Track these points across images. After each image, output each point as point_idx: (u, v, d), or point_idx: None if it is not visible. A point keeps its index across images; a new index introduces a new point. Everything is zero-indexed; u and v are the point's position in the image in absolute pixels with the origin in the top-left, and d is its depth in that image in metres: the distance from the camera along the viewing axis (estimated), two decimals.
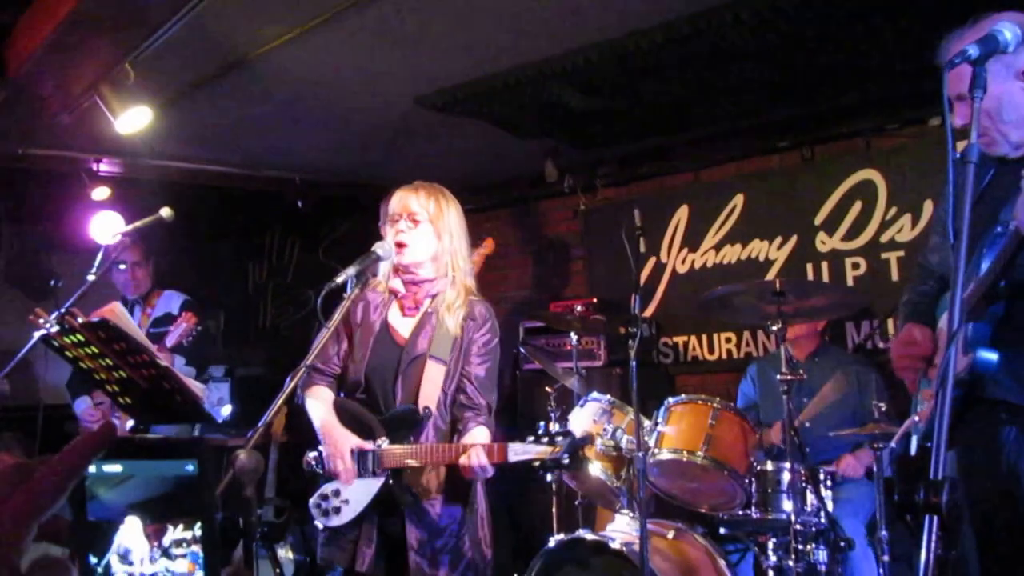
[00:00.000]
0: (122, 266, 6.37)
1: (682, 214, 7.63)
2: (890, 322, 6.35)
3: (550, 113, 6.49)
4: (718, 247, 7.41)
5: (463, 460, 3.54)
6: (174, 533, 1.45)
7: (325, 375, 3.95)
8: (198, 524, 1.45)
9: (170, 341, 5.92)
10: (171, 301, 6.54)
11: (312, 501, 3.80)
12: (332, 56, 5.40)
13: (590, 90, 6.07)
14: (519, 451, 3.46)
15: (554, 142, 7.42)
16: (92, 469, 1.38)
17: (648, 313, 7.63)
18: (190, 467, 1.41)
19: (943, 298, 3.42)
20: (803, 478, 4.84)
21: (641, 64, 5.58)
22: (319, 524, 3.80)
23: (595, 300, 7.55)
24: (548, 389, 6.35)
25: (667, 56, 5.46)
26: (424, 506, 3.75)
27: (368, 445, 3.71)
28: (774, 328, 4.90)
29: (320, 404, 3.86)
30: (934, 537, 1.78)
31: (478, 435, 3.68)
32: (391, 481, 3.67)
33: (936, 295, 3.44)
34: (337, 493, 3.75)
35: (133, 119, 5.27)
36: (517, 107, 6.33)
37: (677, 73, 5.80)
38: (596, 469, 5.03)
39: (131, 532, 1.43)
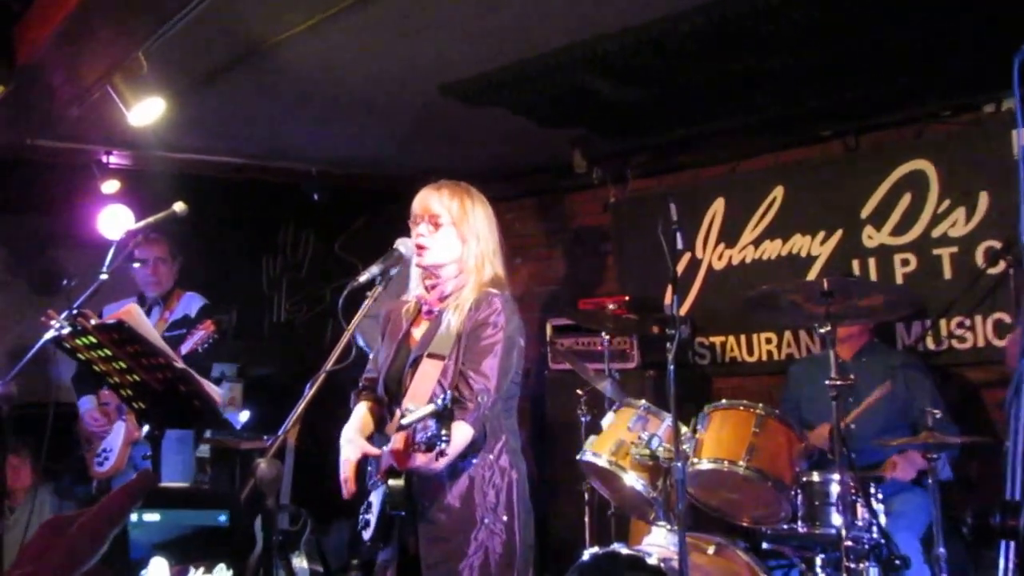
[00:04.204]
0: (135, 265, 6.38)
1: (718, 207, 7.59)
2: (943, 323, 6.30)
3: (580, 101, 6.47)
4: (757, 242, 7.36)
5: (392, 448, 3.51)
6: (196, 574, 1.47)
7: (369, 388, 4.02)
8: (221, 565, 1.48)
9: (185, 348, 5.93)
10: (191, 304, 6.55)
11: None
12: (352, 44, 5.39)
13: (622, 77, 6.04)
14: (408, 417, 3.26)
15: (583, 131, 7.39)
16: (133, 518, 1.39)
17: (683, 312, 7.59)
18: (223, 518, 1.44)
19: None
20: (853, 489, 4.79)
21: (676, 49, 5.53)
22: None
23: (627, 298, 7.50)
24: (579, 392, 6.33)
25: (703, 40, 5.42)
26: (435, 516, 3.70)
27: (375, 451, 3.73)
28: (822, 330, 4.86)
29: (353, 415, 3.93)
30: (1011, 563, 1.75)
31: (456, 431, 3.34)
32: (387, 491, 3.65)
33: None
34: (370, 506, 3.77)
35: (146, 110, 5.27)
36: (545, 95, 6.31)
37: (714, 58, 5.76)
38: (631, 479, 5.01)
39: (157, 573, 1.44)
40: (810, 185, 7.12)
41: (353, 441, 3.78)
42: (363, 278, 3.62)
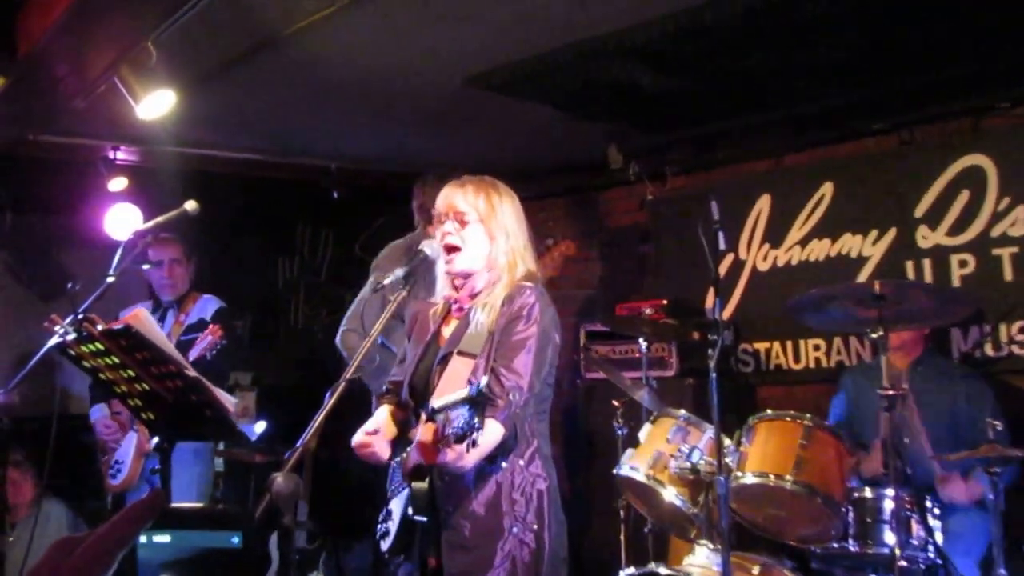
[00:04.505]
0: (145, 267, 6.41)
1: (763, 205, 7.56)
2: (1003, 328, 6.25)
3: (615, 92, 6.46)
4: (804, 242, 7.33)
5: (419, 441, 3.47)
6: None
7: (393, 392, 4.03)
8: None
9: (193, 354, 5.95)
10: (207, 307, 6.59)
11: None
12: (372, 33, 5.39)
13: (661, 66, 6.03)
14: (439, 401, 3.22)
15: (619, 124, 7.38)
16: (142, 539, 1.39)
17: (725, 316, 7.56)
18: (235, 539, 1.44)
19: None
20: (908, 506, 4.76)
21: (719, 37, 5.53)
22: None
23: (666, 302, 7.47)
24: (614, 403, 6.31)
25: (748, 28, 5.41)
26: (459, 523, 3.66)
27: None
28: (874, 336, 4.83)
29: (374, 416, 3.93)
30: None
31: (486, 428, 3.23)
32: (411, 494, 3.64)
33: None
34: (390, 514, 3.76)
35: (155, 103, 5.28)
36: (578, 86, 6.30)
37: (758, 47, 5.75)
38: (670, 494, 4.99)
39: None
40: (861, 181, 7.07)
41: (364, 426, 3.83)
42: (387, 281, 3.63)
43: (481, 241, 3.80)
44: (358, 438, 3.81)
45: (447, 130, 7.25)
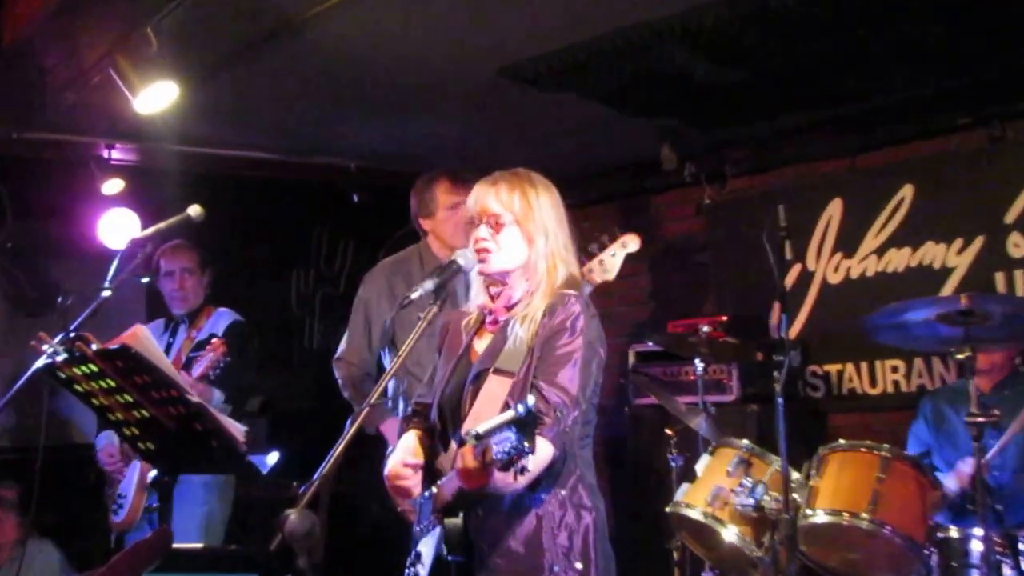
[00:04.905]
0: (145, 279, 6.43)
1: (834, 210, 7.54)
2: None
3: (668, 85, 6.46)
4: (880, 251, 7.30)
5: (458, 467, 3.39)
6: None
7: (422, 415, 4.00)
8: None
9: (196, 371, 5.96)
10: (219, 321, 6.59)
11: None
12: (397, 20, 5.41)
13: (719, 56, 6.03)
14: (483, 425, 3.16)
15: (672, 121, 7.37)
16: None
17: (792, 334, 7.53)
18: None
19: None
20: (999, 547, 4.72)
21: (785, 22, 5.52)
22: None
23: (725, 318, 7.45)
24: (668, 432, 6.29)
25: (816, 10, 5.40)
26: (495, 563, 3.62)
27: (417, 461, 3.79)
28: (960, 356, 4.80)
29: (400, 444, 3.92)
30: None
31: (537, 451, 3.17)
32: (444, 532, 3.62)
33: None
34: (419, 556, 3.73)
35: (155, 96, 5.32)
36: (627, 79, 6.30)
37: (828, 32, 5.73)
38: (731, 534, 4.98)
39: None
40: (944, 183, 7.05)
41: (397, 453, 3.81)
42: (415, 295, 3.63)
43: (519, 245, 3.79)
44: (393, 467, 3.79)
45: (480, 127, 7.26)
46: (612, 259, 5.86)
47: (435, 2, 5.23)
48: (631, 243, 5.91)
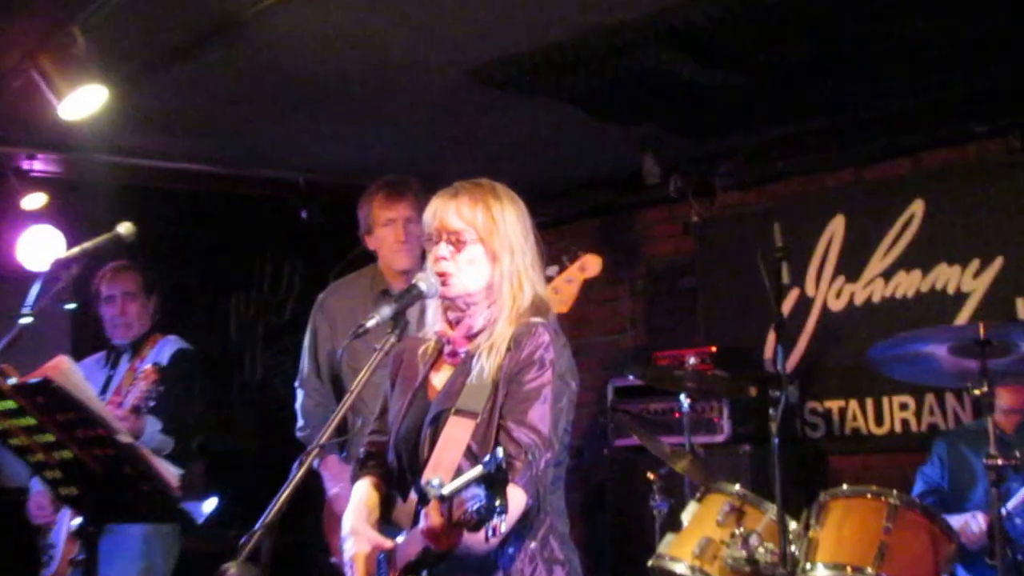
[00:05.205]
0: (70, 306, 6.39)
1: (836, 228, 7.57)
2: None
3: (652, 90, 6.48)
4: (888, 274, 7.34)
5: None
6: None
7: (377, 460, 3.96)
8: None
9: (127, 402, 5.91)
10: (165, 349, 6.54)
11: None
12: (354, 17, 5.43)
13: (709, 57, 6.05)
14: (449, 486, 3.14)
15: (657, 128, 7.39)
16: None
17: (789, 367, 7.55)
18: None
19: None
20: None
21: (783, 18, 5.54)
22: None
23: (715, 349, 7.46)
24: (650, 476, 6.29)
25: (818, 7, 5.43)
26: None
27: (387, 543, 3.69)
28: (977, 392, 4.82)
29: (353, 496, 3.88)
30: None
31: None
32: None
33: None
34: None
35: (82, 101, 5.31)
36: (607, 82, 6.31)
37: (831, 28, 5.76)
38: None
39: None
40: (960, 198, 7.09)
41: (360, 532, 3.74)
42: (370, 323, 3.61)
43: (482, 263, 3.77)
44: (353, 525, 3.77)
45: (444, 135, 7.27)
46: (568, 286, 5.28)
47: None
48: (590, 267, 5.30)
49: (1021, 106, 6.78)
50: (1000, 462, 4.70)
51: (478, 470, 2.89)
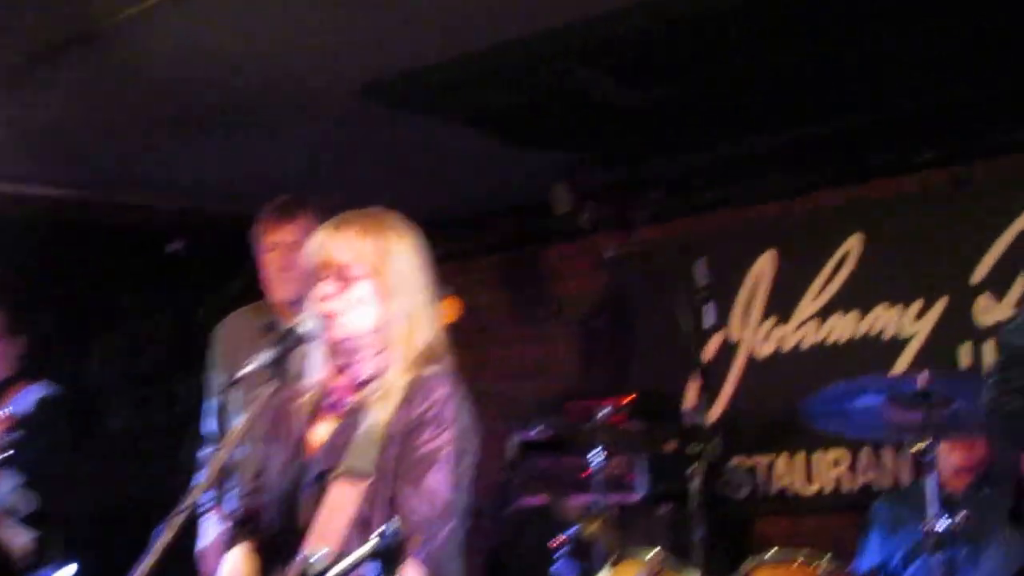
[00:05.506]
0: None
1: (765, 265, 7.65)
2: None
3: (566, 109, 6.51)
4: (821, 317, 7.41)
5: None
6: None
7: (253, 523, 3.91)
8: None
9: None
10: (26, 399, 6.46)
11: None
12: (234, 25, 5.43)
13: (628, 74, 6.10)
14: (336, 567, 3.14)
15: (570, 154, 7.41)
16: None
17: (712, 419, 7.56)
18: None
19: None
20: None
21: (713, 35, 5.59)
22: None
23: (630, 399, 7.48)
24: (558, 539, 6.30)
25: (755, 21, 5.48)
26: None
27: None
28: (913, 450, 4.87)
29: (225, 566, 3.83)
30: None
31: None
32: None
33: None
34: None
35: None
36: (517, 101, 6.36)
37: (763, 49, 5.82)
38: None
39: None
40: (901, 233, 7.17)
41: None
42: (247, 370, 3.58)
43: (370, 303, 3.74)
44: None
45: (335, 159, 7.25)
46: None
47: (287, 5, 5.23)
48: (447, 312, 5.39)
49: (968, 132, 6.88)
50: (941, 528, 4.73)
51: (370, 545, 2.88)
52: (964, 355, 6.83)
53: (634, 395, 7.54)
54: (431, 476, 3.51)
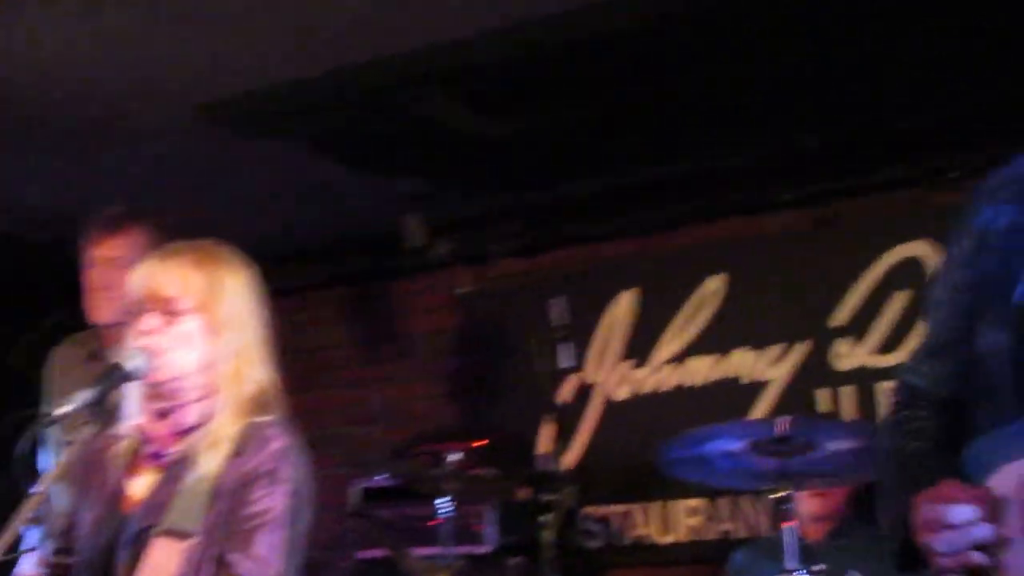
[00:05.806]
0: None
1: (624, 305, 7.63)
2: None
3: (417, 136, 6.48)
4: (680, 359, 7.42)
5: None
6: None
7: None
8: None
9: None
10: None
11: None
12: (57, 35, 5.35)
13: (486, 103, 6.10)
14: None
15: (422, 184, 7.38)
16: None
17: (567, 466, 7.54)
18: None
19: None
20: None
21: (575, 67, 5.59)
22: None
23: (480, 444, 7.43)
24: None
25: (616, 55, 5.48)
26: None
27: None
28: (773, 497, 4.87)
29: None
30: None
31: None
32: None
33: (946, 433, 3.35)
34: None
35: None
36: (364, 127, 6.30)
37: (626, 82, 5.82)
38: None
39: None
40: (762, 274, 7.22)
41: None
42: (64, 410, 3.45)
43: (197, 341, 3.64)
44: None
45: (166, 185, 7.14)
46: None
47: (118, 14, 5.14)
48: None
49: (828, 173, 6.95)
50: None
51: None
52: (823, 400, 6.90)
53: (486, 440, 7.50)
54: (262, 540, 3.43)
